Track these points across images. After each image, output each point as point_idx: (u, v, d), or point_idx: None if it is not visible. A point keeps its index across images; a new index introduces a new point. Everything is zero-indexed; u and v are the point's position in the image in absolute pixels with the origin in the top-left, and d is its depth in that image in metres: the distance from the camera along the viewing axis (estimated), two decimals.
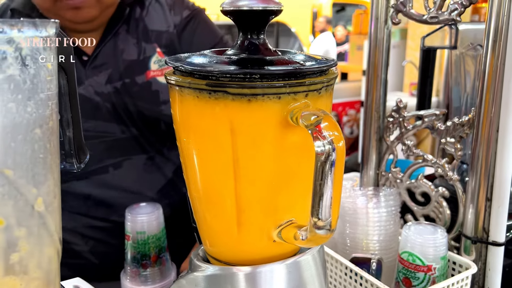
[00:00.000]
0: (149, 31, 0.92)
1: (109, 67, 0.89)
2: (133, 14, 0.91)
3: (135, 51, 0.90)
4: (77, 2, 0.81)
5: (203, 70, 0.42)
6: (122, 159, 0.91)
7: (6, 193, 0.35)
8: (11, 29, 0.31)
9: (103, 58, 0.89)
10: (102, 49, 0.88)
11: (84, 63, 0.88)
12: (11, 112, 0.33)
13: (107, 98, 0.88)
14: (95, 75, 0.88)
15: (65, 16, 0.83)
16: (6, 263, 0.37)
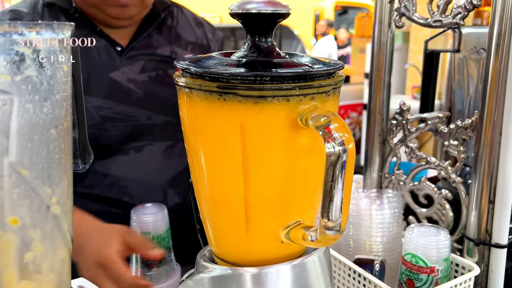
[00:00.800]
0: (182, 39, 1.02)
1: (143, 59, 0.96)
2: (166, 21, 1.01)
3: (168, 50, 0.99)
4: (126, 1, 0.88)
5: (214, 72, 0.42)
6: (144, 144, 0.95)
7: (22, 193, 0.35)
8: (30, 32, 0.32)
9: (138, 51, 0.96)
10: (135, 44, 0.96)
11: (119, 52, 0.95)
12: (28, 113, 0.34)
13: (139, 86, 0.95)
14: (129, 64, 0.95)
15: (110, 12, 0.89)
16: (20, 262, 0.37)
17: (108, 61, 0.93)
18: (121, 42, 0.96)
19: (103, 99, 0.91)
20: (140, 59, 0.96)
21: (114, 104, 0.93)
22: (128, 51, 0.95)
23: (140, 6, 0.92)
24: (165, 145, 0.98)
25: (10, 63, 0.32)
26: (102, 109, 0.91)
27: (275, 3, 0.46)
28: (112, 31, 0.95)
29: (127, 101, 0.94)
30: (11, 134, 0.33)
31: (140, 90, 0.95)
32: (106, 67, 0.93)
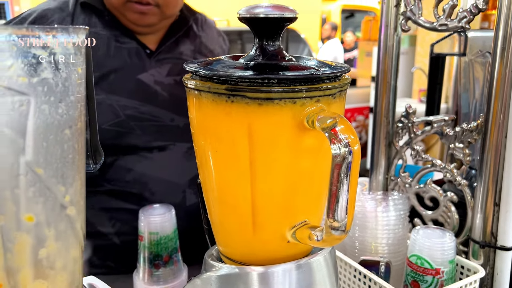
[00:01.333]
0: (204, 46, 1.08)
1: (170, 62, 1.00)
2: (192, 28, 1.07)
3: (192, 56, 1.04)
4: (144, 9, 0.92)
5: (223, 75, 0.43)
6: (167, 144, 0.99)
7: (37, 191, 0.36)
8: (46, 35, 0.33)
9: (165, 54, 1.00)
10: (164, 48, 1.00)
11: (149, 55, 0.99)
12: (44, 114, 0.35)
13: (165, 88, 0.98)
14: (158, 66, 0.99)
15: (130, 17, 0.94)
16: (35, 259, 0.39)
17: (137, 62, 0.97)
18: (151, 46, 1.00)
19: (129, 98, 0.95)
20: (167, 62, 1.00)
21: (140, 104, 0.96)
22: (157, 55, 0.99)
23: (159, 16, 0.95)
24: (186, 147, 1.01)
25: (27, 66, 0.33)
26: (128, 108, 0.94)
27: (283, 7, 0.47)
28: (142, 34, 0.99)
29: (153, 102, 0.97)
30: (27, 134, 0.35)
31: (166, 92, 0.99)
32: (135, 69, 0.96)
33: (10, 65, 0.33)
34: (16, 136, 0.34)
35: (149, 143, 0.97)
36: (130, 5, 0.92)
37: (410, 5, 0.80)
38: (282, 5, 0.48)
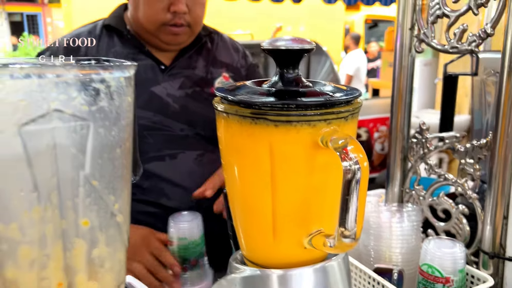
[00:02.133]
0: (218, 60, 1.16)
1: (182, 77, 1.10)
2: (206, 45, 1.16)
3: (203, 71, 1.12)
4: (178, 30, 1.02)
5: (248, 101, 0.50)
6: (178, 152, 1.07)
7: (92, 200, 0.43)
8: (104, 72, 0.41)
9: (178, 69, 1.10)
10: (177, 64, 1.10)
11: (163, 70, 1.08)
12: (100, 136, 0.42)
13: (176, 100, 1.07)
14: (170, 80, 1.08)
15: (163, 39, 1.04)
16: (88, 257, 0.46)
17: (151, 76, 1.06)
18: (165, 61, 1.09)
19: (143, 109, 1.04)
20: (180, 76, 1.09)
21: (152, 115, 1.05)
22: (170, 69, 1.08)
23: (190, 34, 1.06)
24: (195, 154, 1.09)
25: (88, 96, 0.41)
26: (141, 119, 1.03)
27: (302, 40, 0.54)
28: (158, 52, 1.08)
29: (164, 113, 1.06)
30: (87, 153, 0.42)
31: (177, 104, 1.07)
32: (149, 82, 1.06)
33: (75, 97, 0.40)
34: (78, 154, 0.42)
35: (160, 151, 1.06)
36: (165, 28, 1.01)
37: (423, 28, 0.85)
38: (301, 38, 0.54)
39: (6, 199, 0.41)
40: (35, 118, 0.39)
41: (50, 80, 0.39)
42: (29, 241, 0.44)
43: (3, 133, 0.39)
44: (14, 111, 0.38)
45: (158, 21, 1.01)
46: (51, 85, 0.39)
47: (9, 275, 0.45)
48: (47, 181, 0.41)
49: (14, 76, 0.38)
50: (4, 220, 0.42)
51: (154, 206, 1.06)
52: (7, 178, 0.40)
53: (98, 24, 1.10)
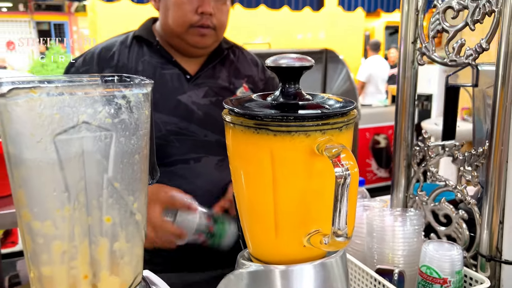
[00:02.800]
0: (239, 72, 1.24)
1: (206, 86, 1.18)
2: (228, 57, 1.24)
3: (226, 81, 1.21)
4: (205, 31, 1.11)
5: (252, 113, 0.56)
6: (201, 156, 1.15)
7: (114, 199, 0.50)
8: (125, 89, 0.47)
9: (203, 79, 1.18)
10: (202, 73, 1.18)
11: (188, 80, 1.17)
12: (121, 144, 0.49)
13: (200, 108, 1.16)
14: (195, 89, 1.16)
15: (190, 41, 1.13)
16: (110, 249, 0.52)
17: (178, 86, 1.15)
18: (190, 71, 1.17)
19: (170, 116, 1.12)
20: (204, 86, 1.18)
21: (178, 121, 1.13)
22: (195, 79, 1.17)
23: (215, 37, 1.14)
24: (217, 159, 1.16)
25: (112, 110, 0.47)
26: (168, 124, 1.11)
27: (302, 58, 0.59)
28: (184, 62, 1.17)
29: (189, 120, 1.14)
30: (110, 158, 0.49)
31: (201, 112, 1.15)
32: (175, 90, 1.14)
33: (100, 111, 0.47)
34: (102, 160, 0.48)
35: (185, 155, 1.14)
36: (193, 29, 1.10)
37: (425, 42, 0.90)
38: (302, 56, 0.60)
39: (42, 198, 0.48)
40: (67, 129, 0.46)
41: (80, 97, 0.46)
42: (60, 236, 0.51)
43: (40, 141, 0.46)
44: (49, 123, 0.46)
45: (186, 23, 1.10)
46: (81, 101, 0.46)
47: (44, 265, 0.52)
48: (76, 183, 0.48)
49: (50, 94, 0.45)
50: (40, 218, 0.49)
51: None
52: (43, 180, 0.47)
53: (129, 35, 1.19)
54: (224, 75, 1.22)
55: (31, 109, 0.44)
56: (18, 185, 0.47)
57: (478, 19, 0.79)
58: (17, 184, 0.47)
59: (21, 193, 0.48)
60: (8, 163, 0.47)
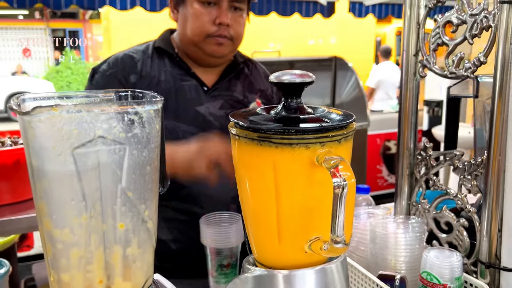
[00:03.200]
0: (253, 86, 1.29)
1: (222, 99, 1.23)
2: (243, 71, 1.29)
3: (241, 94, 1.26)
4: (222, 40, 1.16)
5: (255, 127, 0.60)
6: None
7: (127, 207, 0.54)
8: (138, 106, 0.51)
9: (219, 91, 1.23)
10: (218, 86, 1.23)
11: (205, 91, 1.22)
12: (134, 156, 0.53)
13: (217, 119, 1.21)
14: (212, 101, 1.22)
15: (207, 50, 1.17)
16: (123, 254, 0.56)
17: (196, 97, 1.20)
18: (208, 83, 1.22)
19: (189, 125, 1.17)
20: (220, 98, 1.23)
21: (197, 131, 1.18)
22: (212, 91, 1.22)
23: (231, 46, 1.19)
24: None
25: (125, 125, 0.52)
26: (188, 133, 1.16)
27: (304, 74, 0.63)
28: (202, 73, 1.22)
29: (206, 130, 1.19)
30: (123, 169, 0.53)
31: (217, 123, 1.20)
32: (194, 101, 1.19)
33: (115, 126, 0.51)
34: (116, 171, 0.53)
35: None
36: (210, 39, 1.15)
37: (426, 55, 0.93)
38: (304, 72, 0.63)
39: (61, 207, 0.53)
40: (85, 143, 0.50)
41: (96, 113, 0.50)
42: (78, 242, 0.55)
43: (60, 154, 0.50)
44: (68, 137, 0.50)
45: (204, 33, 1.15)
46: (97, 117, 0.50)
47: (63, 270, 0.56)
48: (92, 193, 0.52)
49: (69, 111, 0.49)
50: (59, 226, 0.54)
51: (187, 214, 1.18)
52: (63, 190, 0.52)
53: (150, 45, 1.24)
54: (239, 88, 1.26)
55: (52, 125, 0.48)
56: (40, 196, 0.52)
57: (476, 33, 0.82)
58: (39, 195, 0.52)
59: (42, 203, 0.52)
60: (32, 175, 0.52)
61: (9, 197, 1.45)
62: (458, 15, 0.85)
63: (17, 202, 1.45)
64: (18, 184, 1.45)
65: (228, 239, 0.97)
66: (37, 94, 0.60)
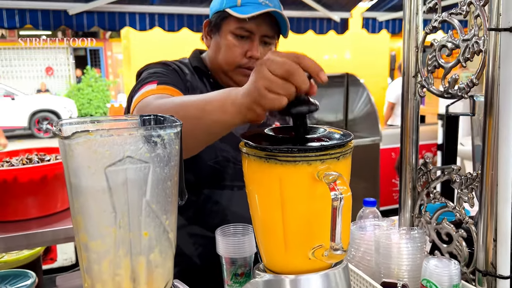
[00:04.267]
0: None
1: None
2: None
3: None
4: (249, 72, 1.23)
5: (263, 147, 0.67)
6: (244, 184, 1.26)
7: (151, 218, 0.62)
8: (160, 129, 0.60)
9: None
10: None
11: None
12: (156, 173, 0.61)
13: None
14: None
15: (236, 79, 1.24)
16: (147, 259, 0.64)
17: None
18: None
19: (224, 144, 1.24)
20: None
21: (231, 150, 1.25)
22: None
23: None
24: None
25: (149, 146, 0.60)
26: (224, 152, 1.24)
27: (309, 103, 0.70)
28: None
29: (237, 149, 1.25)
30: (147, 184, 0.61)
31: None
32: None
33: (141, 147, 0.60)
34: (142, 186, 0.61)
35: (232, 182, 1.25)
36: (239, 70, 1.23)
37: (424, 76, 1.00)
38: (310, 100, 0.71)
39: (95, 218, 0.61)
40: (115, 162, 0.59)
41: (125, 136, 0.59)
42: (108, 249, 0.63)
43: (94, 172, 0.59)
44: (101, 157, 0.58)
45: (235, 63, 1.22)
46: (126, 140, 0.59)
47: (96, 275, 0.64)
48: (121, 205, 0.61)
49: (103, 135, 0.57)
50: (93, 236, 0.62)
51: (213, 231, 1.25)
52: (96, 203, 0.60)
53: (187, 63, 1.31)
54: None
55: (88, 148, 0.57)
56: (78, 211, 0.60)
57: (468, 57, 0.88)
58: (76, 210, 0.60)
59: (79, 217, 0.60)
60: (70, 192, 0.60)
61: (36, 211, 1.51)
62: (451, 40, 0.92)
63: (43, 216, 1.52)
64: (45, 199, 1.51)
65: (241, 249, 1.03)
66: (73, 119, 0.69)
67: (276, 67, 0.68)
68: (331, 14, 4.02)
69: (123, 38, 7.52)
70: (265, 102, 0.69)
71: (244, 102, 0.74)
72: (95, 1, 3.30)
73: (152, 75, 1.15)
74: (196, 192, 1.25)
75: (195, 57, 1.34)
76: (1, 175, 1.38)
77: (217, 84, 1.28)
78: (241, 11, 1.20)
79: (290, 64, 0.67)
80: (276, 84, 0.67)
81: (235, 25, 1.21)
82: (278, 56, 0.69)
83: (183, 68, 1.26)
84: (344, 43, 6.62)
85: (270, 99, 0.68)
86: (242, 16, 1.18)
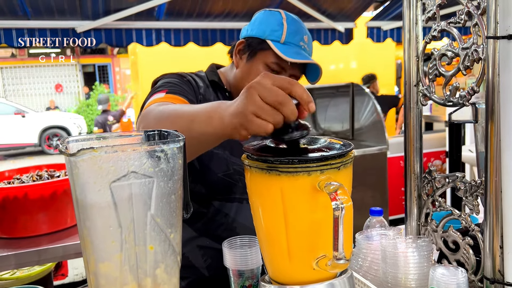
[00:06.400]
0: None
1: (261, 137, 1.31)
2: None
3: None
4: None
5: (264, 159, 0.69)
6: None
7: (156, 231, 0.63)
8: (164, 145, 0.61)
9: None
10: None
11: None
12: (160, 187, 0.62)
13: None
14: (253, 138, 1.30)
15: None
16: (153, 273, 0.65)
17: None
18: None
19: (236, 157, 1.25)
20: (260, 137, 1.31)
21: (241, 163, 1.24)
22: None
23: None
24: None
25: (153, 161, 0.61)
26: (235, 165, 1.25)
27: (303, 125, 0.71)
28: None
29: None
30: (152, 199, 0.62)
31: None
32: None
33: (145, 162, 0.61)
34: (146, 200, 0.62)
35: (242, 195, 1.26)
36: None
37: (425, 85, 1.00)
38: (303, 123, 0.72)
39: (101, 233, 0.62)
40: (120, 178, 0.60)
41: (129, 152, 0.60)
42: (115, 263, 0.64)
43: (100, 188, 0.60)
44: (107, 173, 0.60)
45: None
46: (130, 156, 0.60)
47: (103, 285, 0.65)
48: (126, 220, 0.62)
49: (107, 152, 0.59)
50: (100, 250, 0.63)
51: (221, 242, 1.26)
52: (102, 218, 0.61)
53: (203, 77, 1.33)
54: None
55: (94, 164, 0.58)
56: (84, 225, 0.61)
57: (468, 65, 0.89)
58: (83, 224, 0.61)
59: (86, 231, 0.62)
60: (76, 207, 0.62)
61: (47, 227, 1.53)
62: (451, 49, 0.93)
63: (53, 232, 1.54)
64: (55, 215, 1.53)
65: (248, 261, 1.04)
66: (78, 137, 0.70)
67: (267, 94, 0.67)
68: (335, 25, 4.05)
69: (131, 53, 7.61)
70: (250, 127, 0.69)
71: (230, 123, 0.74)
72: (102, 19, 3.36)
73: (165, 84, 1.17)
74: (206, 204, 1.26)
75: (212, 71, 1.36)
76: (12, 192, 1.40)
77: (231, 98, 1.30)
78: (284, 50, 1.21)
79: (281, 95, 0.67)
80: (264, 111, 0.67)
81: (273, 59, 1.23)
82: (270, 81, 0.68)
83: (197, 80, 1.29)
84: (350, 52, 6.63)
85: (257, 124, 0.68)
86: (286, 58, 1.20)
